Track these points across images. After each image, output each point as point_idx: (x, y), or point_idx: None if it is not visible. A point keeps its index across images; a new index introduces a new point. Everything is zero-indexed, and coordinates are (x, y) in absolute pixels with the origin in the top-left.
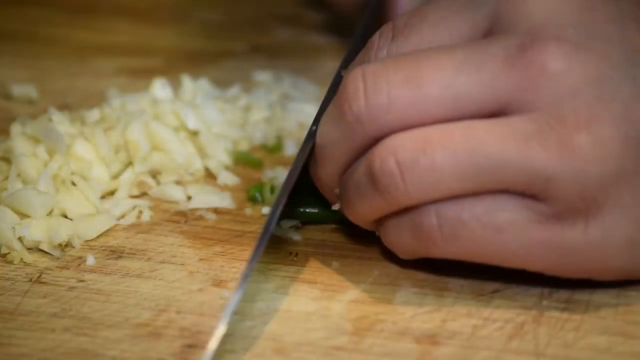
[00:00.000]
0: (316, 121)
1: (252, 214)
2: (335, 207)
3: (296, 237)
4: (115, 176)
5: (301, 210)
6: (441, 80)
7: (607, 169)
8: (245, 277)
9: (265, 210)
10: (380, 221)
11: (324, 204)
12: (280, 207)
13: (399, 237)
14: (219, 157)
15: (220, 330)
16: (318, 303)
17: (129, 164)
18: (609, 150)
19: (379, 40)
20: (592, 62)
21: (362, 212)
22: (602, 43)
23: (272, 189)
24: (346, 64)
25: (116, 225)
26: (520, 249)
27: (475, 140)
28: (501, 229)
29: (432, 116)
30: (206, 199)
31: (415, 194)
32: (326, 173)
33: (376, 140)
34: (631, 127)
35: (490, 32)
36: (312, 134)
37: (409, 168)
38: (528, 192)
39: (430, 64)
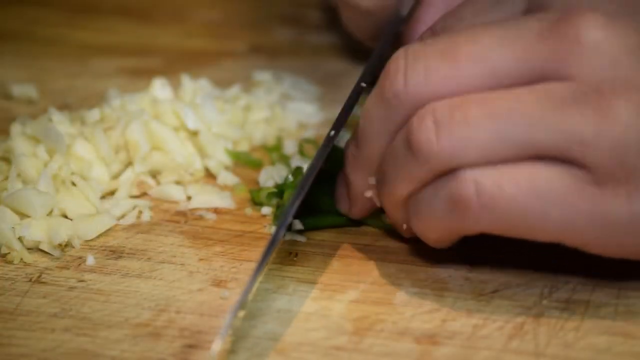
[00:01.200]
0: (334, 127)
1: (252, 214)
2: (367, 194)
3: (301, 238)
4: (115, 176)
5: (310, 220)
6: (477, 54)
7: None
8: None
9: (265, 210)
10: (413, 199)
11: (332, 209)
12: (291, 217)
13: (432, 213)
14: (219, 157)
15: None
16: (318, 303)
17: (129, 164)
18: None
19: None
20: (628, 32)
21: (397, 185)
22: (638, 16)
23: (278, 194)
24: (364, 78)
25: (116, 225)
26: (561, 217)
27: (510, 101)
28: (541, 195)
29: (469, 89)
30: (206, 199)
31: (447, 150)
32: (367, 153)
33: None
34: None
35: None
36: (330, 140)
37: (444, 124)
38: (565, 156)
39: (467, 39)
